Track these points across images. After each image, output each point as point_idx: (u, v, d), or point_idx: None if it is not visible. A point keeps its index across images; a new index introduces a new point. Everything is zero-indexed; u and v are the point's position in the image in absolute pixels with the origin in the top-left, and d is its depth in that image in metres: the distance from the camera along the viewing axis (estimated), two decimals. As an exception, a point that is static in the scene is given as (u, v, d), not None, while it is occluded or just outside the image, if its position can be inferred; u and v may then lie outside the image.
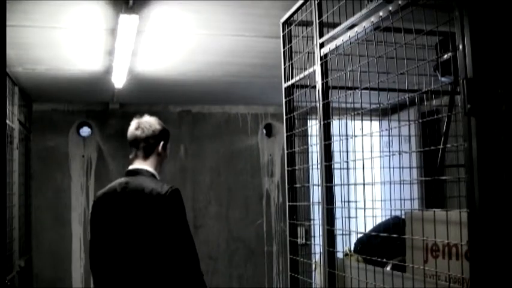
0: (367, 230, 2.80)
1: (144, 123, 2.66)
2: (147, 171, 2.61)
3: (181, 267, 2.45)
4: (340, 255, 2.89)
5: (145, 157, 2.64)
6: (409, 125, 2.78)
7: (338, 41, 2.56)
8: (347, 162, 2.91)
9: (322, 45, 2.75)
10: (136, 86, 5.32)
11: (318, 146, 2.78)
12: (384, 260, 2.47)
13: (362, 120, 2.56)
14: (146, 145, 2.63)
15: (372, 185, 2.67)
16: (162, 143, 2.68)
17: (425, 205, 4.54)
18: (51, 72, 4.86)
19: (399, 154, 2.46)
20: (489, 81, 1.63)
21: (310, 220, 3.46)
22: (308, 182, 3.35)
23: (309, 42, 2.97)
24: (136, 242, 2.48)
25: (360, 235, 3.17)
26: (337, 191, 2.76)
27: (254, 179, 6.84)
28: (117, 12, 3.32)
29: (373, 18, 2.23)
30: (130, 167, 2.65)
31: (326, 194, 2.69)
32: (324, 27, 2.78)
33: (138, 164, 2.64)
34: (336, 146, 2.77)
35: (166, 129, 2.75)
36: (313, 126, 2.93)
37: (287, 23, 3.28)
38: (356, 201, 2.82)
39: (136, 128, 2.65)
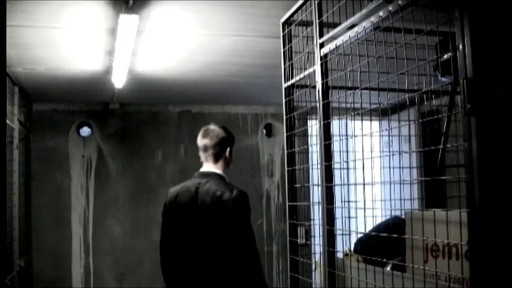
0: (367, 230, 2.80)
1: (212, 132, 2.91)
2: (217, 175, 2.88)
3: (244, 265, 2.67)
4: (340, 255, 2.89)
5: (215, 161, 2.92)
6: (409, 125, 2.78)
7: (338, 41, 2.56)
8: (347, 162, 2.91)
9: (322, 45, 2.75)
10: (137, 86, 5.32)
11: (318, 146, 2.78)
12: (384, 260, 2.47)
13: (362, 120, 2.56)
14: (214, 151, 2.90)
15: (372, 185, 2.67)
16: (228, 148, 2.93)
17: (425, 205, 4.53)
18: (51, 72, 4.86)
19: (399, 154, 2.46)
20: (489, 81, 1.63)
21: (310, 220, 3.45)
22: (308, 182, 3.34)
23: (309, 42, 2.97)
24: (205, 241, 2.71)
25: (360, 235, 3.17)
26: (337, 191, 2.75)
27: (254, 179, 6.83)
28: (117, 12, 3.32)
29: (373, 18, 2.23)
30: (202, 170, 2.94)
31: (326, 194, 2.69)
32: (324, 27, 2.78)
33: (209, 167, 2.92)
34: (336, 146, 2.77)
35: (232, 134, 2.99)
36: (313, 126, 2.93)
37: (287, 23, 3.28)
38: (356, 201, 2.82)
39: (204, 137, 2.92)
